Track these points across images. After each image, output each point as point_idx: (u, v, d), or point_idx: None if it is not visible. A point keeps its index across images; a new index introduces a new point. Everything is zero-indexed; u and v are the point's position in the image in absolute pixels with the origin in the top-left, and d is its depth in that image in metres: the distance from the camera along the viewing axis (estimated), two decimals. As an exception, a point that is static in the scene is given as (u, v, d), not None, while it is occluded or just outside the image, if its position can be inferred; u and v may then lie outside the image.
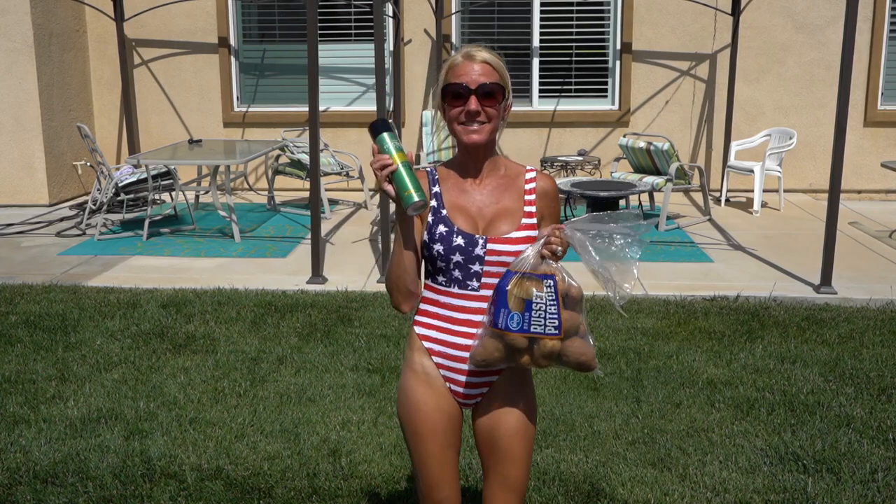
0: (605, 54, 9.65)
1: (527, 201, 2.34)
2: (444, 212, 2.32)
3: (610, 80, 9.67)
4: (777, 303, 5.89)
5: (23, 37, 8.81)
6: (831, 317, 5.58)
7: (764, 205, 9.07)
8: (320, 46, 9.36)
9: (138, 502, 3.47)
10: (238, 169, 9.21)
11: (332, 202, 9.38)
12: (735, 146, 9.16)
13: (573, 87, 9.72)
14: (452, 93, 2.26)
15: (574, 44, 9.63)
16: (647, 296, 6.03)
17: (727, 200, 9.30)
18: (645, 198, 9.15)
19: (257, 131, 9.91)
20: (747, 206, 9.03)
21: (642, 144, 8.23)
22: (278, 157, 9.04)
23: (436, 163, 2.37)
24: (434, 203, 2.33)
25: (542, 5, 9.53)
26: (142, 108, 9.95)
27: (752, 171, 8.75)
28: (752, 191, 8.79)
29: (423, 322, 2.38)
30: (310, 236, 6.99)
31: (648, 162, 8.34)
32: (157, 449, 3.86)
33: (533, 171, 2.38)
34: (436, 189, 2.35)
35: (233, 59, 9.85)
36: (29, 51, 8.82)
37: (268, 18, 9.84)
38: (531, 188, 2.35)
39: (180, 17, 9.72)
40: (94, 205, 8.21)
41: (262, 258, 7.09)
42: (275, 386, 4.56)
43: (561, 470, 3.66)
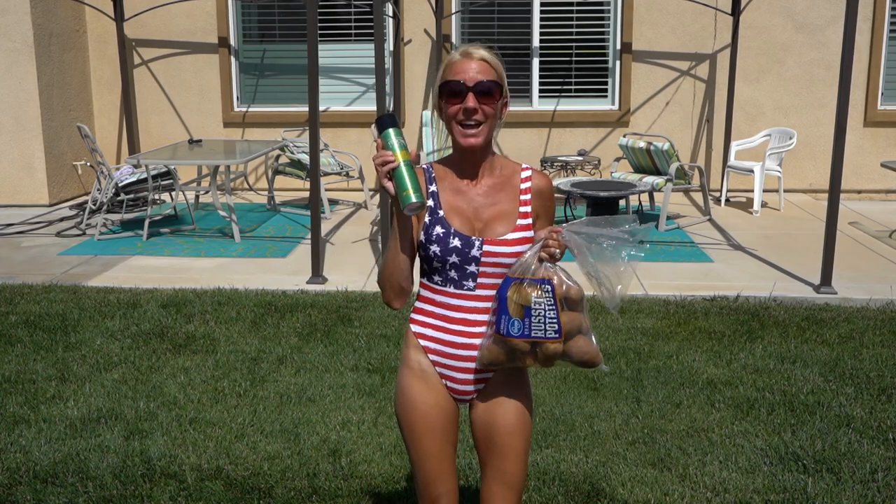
0: (605, 54, 9.65)
1: (522, 201, 2.35)
2: (441, 212, 2.32)
3: (610, 80, 9.67)
4: (777, 303, 5.89)
5: (23, 37, 8.81)
6: (831, 317, 5.58)
7: (764, 205, 9.07)
8: (320, 46, 9.36)
9: (138, 502, 3.47)
10: (238, 169, 9.21)
11: (332, 202, 9.38)
12: (735, 146, 9.16)
13: (573, 87, 9.72)
14: (450, 90, 2.26)
15: (574, 44, 9.63)
16: (647, 296, 6.03)
17: (727, 200, 9.30)
18: (645, 198, 9.15)
19: (257, 131, 9.91)
20: (747, 206, 9.03)
21: (642, 144, 8.23)
22: (278, 157, 9.05)
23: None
24: (431, 203, 2.34)
25: (542, 5, 9.54)
26: (142, 108, 9.96)
27: (752, 171, 8.75)
28: (752, 191, 8.79)
29: (419, 320, 2.40)
30: (310, 236, 6.99)
31: (648, 162, 8.34)
32: (157, 449, 3.86)
33: (528, 170, 2.39)
34: (433, 188, 2.36)
35: (233, 59, 9.85)
36: (29, 51, 8.82)
37: (268, 18, 9.85)
38: (526, 188, 2.36)
39: (180, 17, 9.72)
40: (94, 205, 8.21)
41: (262, 258, 7.09)
42: (275, 386, 4.56)
43: (561, 470, 3.66)
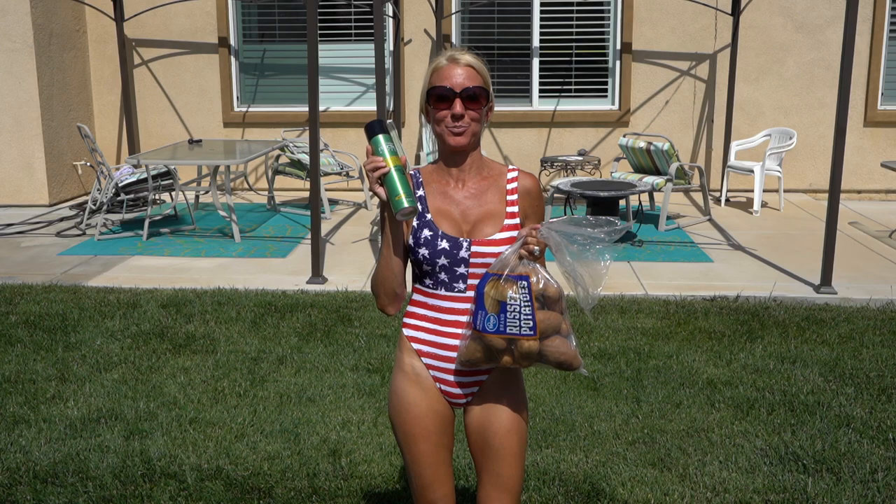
0: (605, 54, 9.65)
1: (509, 202, 2.35)
2: (429, 216, 2.34)
3: (610, 80, 9.67)
4: (777, 303, 5.89)
5: (23, 37, 8.81)
6: (831, 317, 5.58)
7: (764, 205, 9.07)
8: (320, 46, 9.36)
9: (138, 502, 3.47)
10: (238, 169, 9.21)
11: (332, 202, 9.38)
12: (735, 146, 9.16)
13: (573, 87, 9.72)
14: (437, 95, 2.29)
15: (574, 44, 9.63)
16: (647, 296, 6.03)
17: (727, 200, 9.30)
18: (645, 198, 9.15)
19: (257, 131, 9.91)
20: (747, 206, 9.03)
21: (642, 144, 8.23)
22: (278, 157, 9.04)
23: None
24: (419, 206, 2.34)
25: (542, 5, 9.54)
26: (142, 108, 9.96)
27: (752, 171, 8.75)
28: (752, 191, 8.79)
29: (411, 324, 2.40)
30: (310, 236, 6.99)
31: (648, 162, 8.34)
32: (157, 449, 3.86)
33: (515, 171, 2.40)
34: (420, 192, 2.37)
35: (233, 59, 9.85)
36: (29, 51, 8.82)
37: (268, 18, 9.85)
38: (513, 188, 2.37)
39: (180, 17, 9.72)
40: (94, 205, 8.21)
41: (262, 258, 7.09)
42: (275, 386, 4.56)
43: (561, 470, 3.66)
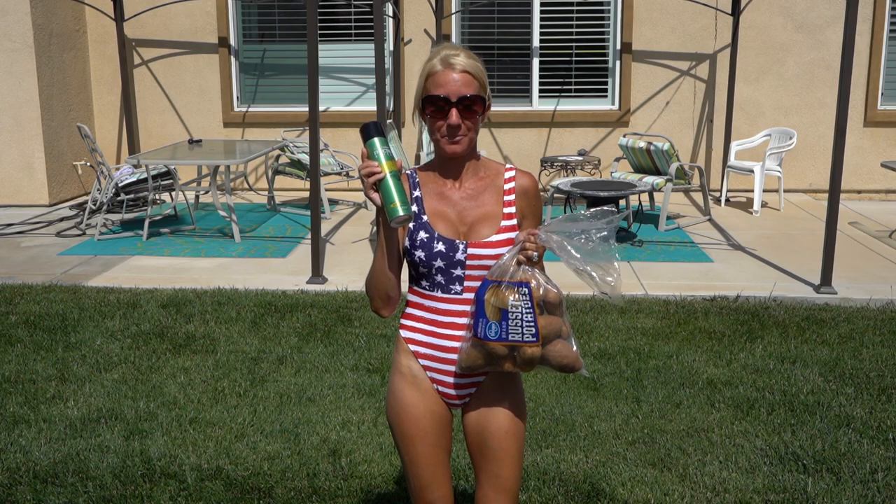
0: (605, 54, 9.65)
1: (506, 202, 2.33)
2: (425, 217, 2.31)
3: (610, 80, 9.67)
4: (777, 303, 5.89)
5: (23, 37, 8.81)
6: (831, 317, 5.58)
7: (764, 205, 9.07)
8: (320, 46, 9.36)
9: (138, 502, 3.47)
10: (238, 169, 9.21)
11: (332, 202, 9.38)
12: (735, 146, 9.16)
13: (573, 87, 9.72)
14: (433, 104, 2.23)
15: (574, 44, 9.63)
16: (647, 296, 6.03)
17: (727, 200, 9.30)
18: (645, 198, 9.15)
19: (257, 131, 9.91)
20: (747, 206, 9.03)
21: (642, 144, 8.23)
22: (278, 157, 9.04)
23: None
24: (415, 208, 2.33)
25: (542, 5, 9.54)
26: (142, 108, 9.96)
27: (752, 171, 8.75)
28: (752, 191, 8.79)
29: (408, 325, 2.39)
30: (310, 236, 6.99)
31: (648, 162, 8.34)
32: (157, 449, 3.86)
33: (512, 171, 2.37)
34: (416, 193, 2.35)
35: (233, 59, 9.85)
36: (29, 51, 8.82)
37: (268, 18, 9.85)
38: (510, 188, 2.34)
39: (180, 17, 9.72)
40: (94, 205, 8.21)
41: (262, 258, 7.09)
42: (275, 386, 4.56)
43: (561, 470, 3.66)
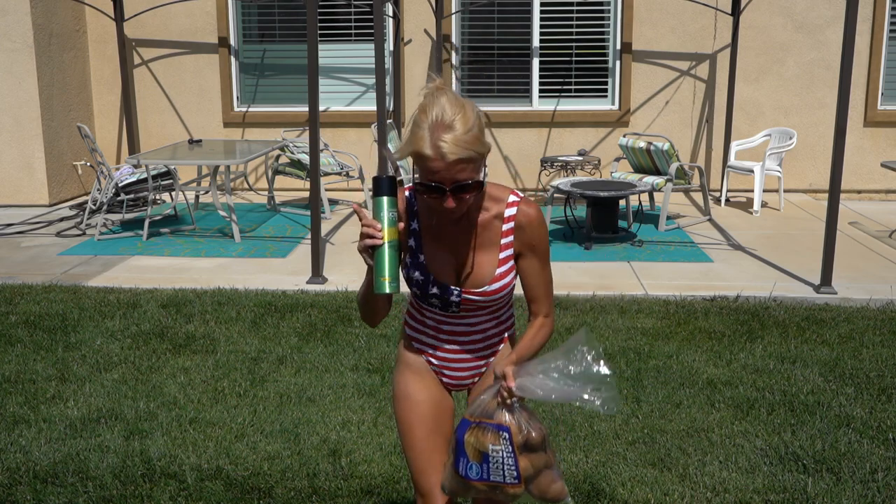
0: (605, 54, 9.65)
1: (503, 245, 2.29)
2: (422, 257, 2.30)
3: (610, 80, 9.67)
4: (777, 303, 5.89)
5: (23, 37, 8.81)
6: (831, 317, 5.58)
7: (764, 205, 9.07)
8: (320, 46, 9.36)
9: (138, 502, 3.47)
10: (238, 169, 9.21)
11: (332, 202, 9.38)
12: (735, 146, 9.16)
13: (573, 87, 9.72)
14: (426, 189, 2.11)
15: (574, 44, 9.63)
16: (647, 296, 6.03)
17: (727, 200, 9.30)
18: (645, 198, 9.15)
19: (257, 131, 9.91)
20: (747, 206, 9.03)
21: (642, 144, 8.23)
22: (278, 157, 9.04)
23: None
24: (412, 242, 2.30)
25: (542, 5, 9.53)
26: (142, 108, 9.96)
27: (752, 171, 8.75)
28: (752, 191, 8.79)
29: (412, 324, 2.46)
30: (310, 236, 6.99)
31: (648, 162, 8.34)
32: (157, 449, 3.86)
33: (514, 205, 2.27)
34: (414, 225, 2.30)
35: (233, 59, 9.85)
36: (29, 51, 8.82)
37: (268, 18, 9.84)
38: (509, 228, 2.28)
39: (180, 17, 9.72)
40: (94, 205, 8.21)
41: (262, 258, 7.09)
42: (275, 386, 4.56)
43: (561, 470, 3.66)
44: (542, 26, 9.59)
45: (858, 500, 3.44)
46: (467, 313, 2.36)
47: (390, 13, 9.18)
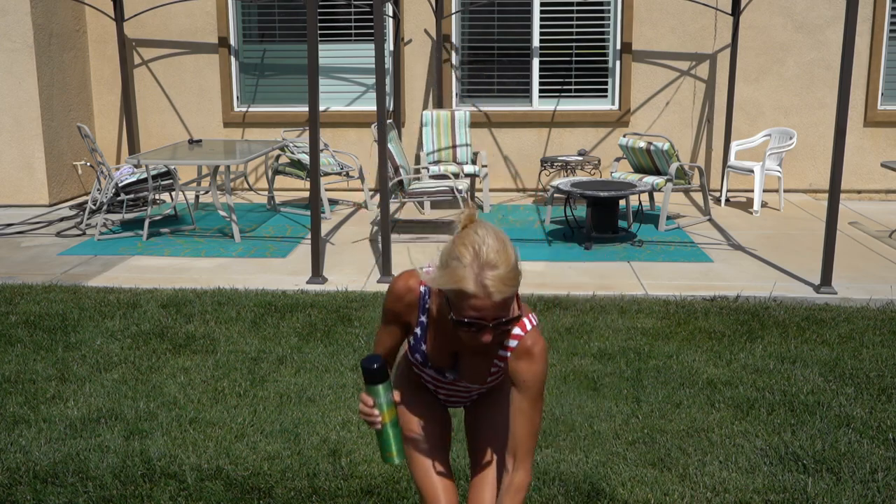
0: (605, 54, 9.65)
1: (499, 357, 2.27)
2: (424, 347, 2.31)
3: (610, 80, 9.67)
4: (777, 303, 5.89)
5: (23, 37, 8.81)
6: (831, 317, 5.58)
7: (764, 205, 9.07)
8: (320, 46, 9.36)
9: (138, 502, 3.47)
10: (238, 169, 9.21)
11: (332, 202, 9.38)
12: (735, 146, 9.16)
13: (573, 87, 9.72)
14: (466, 325, 2.03)
15: (574, 44, 9.63)
16: (647, 296, 6.03)
17: (727, 200, 9.30)
18: (645, 198, 9.15)
19: (257, 131, 9.91)
20: (747, 206, 9.03)
21: (642, 144, 8.23)
22: (278, 157, 9.04)
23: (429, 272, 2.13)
24: (417, 330, 2.30)
25: (542, 5, 9.54)
26: (142, 108, 9.96)
27: (752, 171, 8.75)
28: (752, 191, 8.79)
29: (411, 362, 2.45)
30: (310, 236, 6.99)
31: (648, 162, 8.34)
32: (157, 449, 3.86)
33: (518, 338, 2.17)
34: (423, 318, 2.27)
35: (233, 59, 9.85)
36: (29, 51, 8.82)
37: (268, 18, 9.84)
38: (504, 356, 2.24)
39: (180, 17, 9.73)
40: (94, 205, 8.21)
41: (262, 258, 7.09)
42: (275, 386, 4.56)
43: (561, 470, 3.66)
44: (542, 26, 9.59)
45: (858, 500, 3.44)
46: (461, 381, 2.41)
47: (390, 13, 9.18)
